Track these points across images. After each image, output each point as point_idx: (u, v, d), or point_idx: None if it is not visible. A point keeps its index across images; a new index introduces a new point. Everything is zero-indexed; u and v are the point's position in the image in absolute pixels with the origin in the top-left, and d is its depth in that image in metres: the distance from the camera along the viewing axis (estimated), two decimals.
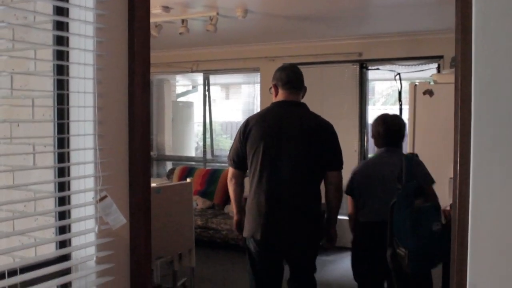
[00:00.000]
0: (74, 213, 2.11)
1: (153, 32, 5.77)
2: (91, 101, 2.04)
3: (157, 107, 8.86)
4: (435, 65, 6.88)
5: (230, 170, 3.53)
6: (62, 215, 2.12)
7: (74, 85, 2.09)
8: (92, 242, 2.05)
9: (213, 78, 8.48)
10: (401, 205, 3.31)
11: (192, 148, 9.71)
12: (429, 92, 4.35)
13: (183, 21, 5.59)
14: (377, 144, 3.76)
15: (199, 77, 8.71)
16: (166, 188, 4.46)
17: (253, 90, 8.35)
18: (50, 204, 2.17)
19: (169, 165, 8.88)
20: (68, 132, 2.11)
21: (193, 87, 11.14)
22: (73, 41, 2.06)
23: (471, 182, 1.84)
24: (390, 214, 3.34)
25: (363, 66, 7.17)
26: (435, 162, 4.34)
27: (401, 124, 3.82)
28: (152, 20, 5.71)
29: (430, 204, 3.47)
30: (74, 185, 2.11)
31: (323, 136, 3.36)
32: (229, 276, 5.91)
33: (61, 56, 2.08)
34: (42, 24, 2.07)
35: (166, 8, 5.13)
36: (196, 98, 10.62)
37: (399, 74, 6.99)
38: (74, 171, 2.12)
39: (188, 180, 4.81)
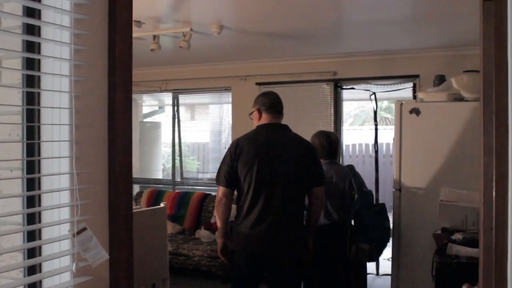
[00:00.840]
0: (46, 250, 1.81)
1: None
2: (67, 118, 1.75)
3: None
4: (411, 84, 6.78)
5: (221, 190, 3.61)
6: (32, 252, 1.82)
7: (47, 99, 1.80)
8: (67, 282, 1.75)
9: (183, 98, 8.21)
10: (367, 209, 4.20)
11: (159, 170, 9.38)
12: (415, 111, 4.18)
13: (154, 37, 5.33)
14: (321, 156, 4.12)
15: (167, 97, 8.43)
16: (138, 214, 4.15)
17: (221, 110, 8.10)
18: (18, 240, 1.87)
19: (136, 188, 8.52)
20: (39, 154, 1.82)
21: (160, 107, 10.84)
22: (47, 48, 1.79)
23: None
24: (356, 217, 4.19)
25: (338, 85, 7.01)
26: (424, 183, 4.18)
27: (338, 139, 4.61)
28: None
29: (382, 205, 4.45)
30: (47, 216, 1.82)
31: (309, 157, 3.63)
32: None
33: (32, 65, 1.80)
34: (10, 28, 1.79)
35: (138, 23, 4.87)
36: (163, 119, 10.33)
37: (374, 93, 6.86)
38: (46, 199, 1.82)
39: (162, 204, 4.52)
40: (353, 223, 4.28)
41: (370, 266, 7.19)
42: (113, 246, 1.92)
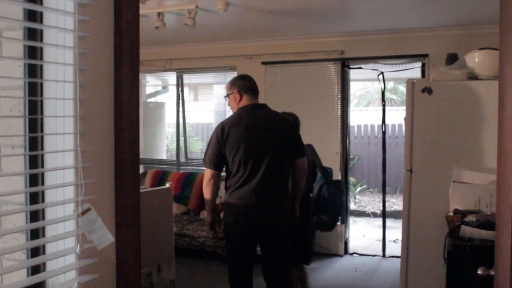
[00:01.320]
0: (50, 231, 1.72)
1: None
2: (71, 92, 1.66)
3: None
4: (419, 64, 6.65)
5: (209, 172, 3.85)
6: (35, 233, 1.73)
7: (50, 72, 1.71)
8: (72, 265, 1.67)
9: (187, 78, 8.09)
10: (329, 184, 4.65)
11: (163, 150, 9.30)
12: (427, 90, 4.06)
13: (159, 14, 5.21)
14: None
15: (170, 77, 8.31)
16: (143, 194, 4.06)
17: (225, 90, 7.97)
18: (20, 220, 1.78)
19: (140, 169, 8.44)
20: (42, 131, 1.73)
21: (164, 87, 10.72)
22: (49, 18, 1.68)
23: None
24: (319, 191, 4.59)
25: (345, 64, 6.88)
26: (437, 163, 4.08)
27: (298, 119, 4.88)
28: None
29: (339, 181, 5.22)
30: (50, 195, 1.73)
31: (290, 131, 3.93)
32: None
33: (34, 36, 1.70)
34: None
35: (142, 0, 4.74)
36: (167, 99, 10.22)
37: (382, 73, 6.74)
38: (50, 178, 1.73)
39: (167, 185, 4.43)
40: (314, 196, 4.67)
41: (377, 248, 7.15)
42: (119, 227, 1.84)
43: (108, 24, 1.80)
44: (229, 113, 7.94)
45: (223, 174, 3.91)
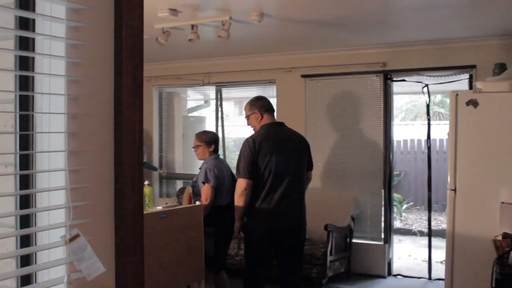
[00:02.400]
0: (41, 257, 1.57)
1: (160, 39, 5.27)
2: (62, 106, 1.51)
3: (167, 122, 8.36)
4: (467, 75, 6.33)
5: (244, 181, 4.22)
6: (26, 259, 1.59)
7: (42, 85, 1.57)
8: None
9: (226, 92, 7.97)
10: None
11: None
12: (473, 103, 3.80)
13: (192, 26, 5.09)
14: (208, 151, 5.12)
15: (211, 91, 8.21)
16: (172, 212, 3.93)
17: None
18: (12, 244, 1.64)
19: (179, 184, 8.35)
20: (33, 148, 1.59)
21: (205, 101, 10.65)
22: (40, 26, 1.55)
23: None
24: None
25: (388, 77, 6.61)
26: (483, 183, 3.78)
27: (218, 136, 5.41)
28: (159, 25, 5.23)
29: None
30: (41, 219, 1.58)
31: (306, 146, 4.51)
32: None
33: (26, 44, 1.57)
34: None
35: (174, 11, 4.63)
36: (208, 113, 10.13)
37: (427, 85, 6.44)
38: (41, 200, 1.59)
39: (198, 203, 4.28)
40: None
41: (422, 269, 6.80)
42: (119, 253, 1.67)
43: (107, 30, 1.65)
44: None
45: None
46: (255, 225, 4.27)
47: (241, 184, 4.23)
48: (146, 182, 4.61)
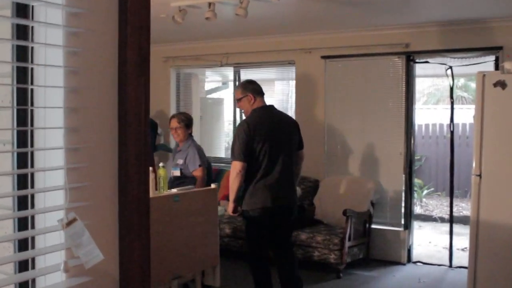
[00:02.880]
0: (39, 242, 1.47)
1: (177, 17, 5.15)
2: (61, 80, 1.40)
3: (184, 104, 8.24)
4: (492, 57, 6.10)
5: (239, 164, 4.34)
6: (24, 243, 1.49)
7: (40, 56, 1.45)
8: (58, 284, 1.41)
9: (244, 73, 7.82)
10: None
11: (222, 148, 9.06)
12: (501, 84, 3.63)
13: (210, 4, 4.95)
14: (187, 133, 5.40)
15: (230, 73, 8.07)
16: (185, 195, 3.83)
17: (287, 87, 7.66)
18: (10, 226, 1.54)
19: None
20: (32, 125, 1.48)
21: (224, 83, 10.53)
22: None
23: None
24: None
25: (410, 58, 6.40)
26: (509, 168, 3.61)
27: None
28: (175, 3, 5.10)
29: None
30: (40, 201, 1.48)
31: (296, 127, 4.74)
32: None
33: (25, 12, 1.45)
34: None
35: None
36: (226, 95, 10.01)
37: (450, 67, 6.24)
38: (39, 180, 1.48)
39: (213, 186, 4.17)
40: None
41: (443, 257, 6.65)
42: (123, 238, 1.57)
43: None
44: (290, 110, 7.70)
45: None
46: (253, 205, 4.43)
47: (236, 166, 4.35)
48: (161, 164, 4.51)
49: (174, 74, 8.11)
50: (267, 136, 4.42)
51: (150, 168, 4.17)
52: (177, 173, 5.18)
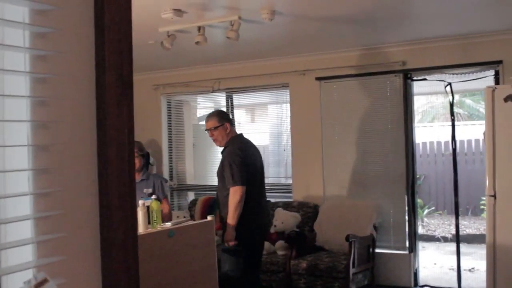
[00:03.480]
0: None
1: (165, 43, 4.95)
2: (24, 111, 1.17)
3: (176, 132, 8.02)
4: (492, 72, 5.93)
5: (242, 189, 4.41)
6: None
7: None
8: None
9: (237, 98, 7.63)
10: None
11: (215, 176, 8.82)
12: None
13: (199, 28, 4.77)
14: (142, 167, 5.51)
15: (222, 98, 7.87)
16: (181, 230, 3.58)
17: (281, 110, 7.46)
18: None
19: (191, 196, 8.01)
20: None
21: (216, 109, 10.34)
22: None
23: None
24: None
25: (408, 76, 6.23)
26: None
27: None
28: (163, 28, 4.91)
29: None
30: (7, 257, 1.24)
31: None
32: None
33: None
34: None
35: (179, 12, 4.31)
36: None
37: (450, 84, 6.06)
38: (6, 234, 1.25)
39: (209, 218, 3.93)
40: None
41: (451, 279, 6.40)
42: None
43: (84, 14, 1.31)
44: (285, 134, 7.50)
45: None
46: (251, 230, 4.53)
47: (239, 191, 4.40)
48: (153, 197, 4.27)
49: (164, 101, 7.91)
50: (253, 163, 4.62)
51: (140, 202, 3.98)
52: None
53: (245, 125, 9.15)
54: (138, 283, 1.39)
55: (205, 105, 9.42)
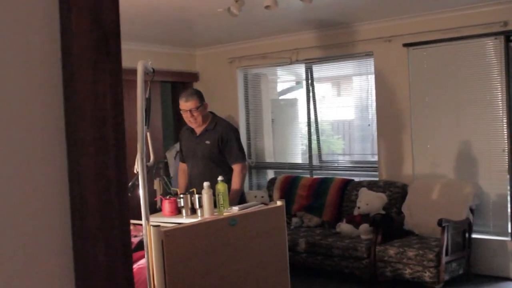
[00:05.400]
0: None
1: (233, 9, 4.55)
2: None
3: (254, 107, 7.65)
4: None
5: (246, 165, 4.72)
6: None
7: None
8: None
9: (318, 70, 7.14)
10: None
11: (297, 153, 8.39)
12: None
13: None
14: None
15: (301, 70, 7.41)
16: (245, 217, 3.19)
17: (365, 82, 6.91)
18: None
19: (270, 174, 7.66)
20: None
21: (297, 82, 9.92)
22: None
23: None
24: None
25: (510, 39, 5.50)
26: None
27: None
28: None
29: None
30: None
31: None
32: None
33: None
34: None
35: None
36: (301, 95, 9.35)
37: None
38: None
39: (279, 203, 3.51)
40: None
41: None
42: None
43: None
44: (370, 108, 6.95)
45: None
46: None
47: (246, 167, 4.65)
48: (219, 178, 3.92)
49: (241, 75, 7.55)
50: None
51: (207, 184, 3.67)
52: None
53: (329, 98, 8.64)
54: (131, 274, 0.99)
55: (285, 78, 9.00)
